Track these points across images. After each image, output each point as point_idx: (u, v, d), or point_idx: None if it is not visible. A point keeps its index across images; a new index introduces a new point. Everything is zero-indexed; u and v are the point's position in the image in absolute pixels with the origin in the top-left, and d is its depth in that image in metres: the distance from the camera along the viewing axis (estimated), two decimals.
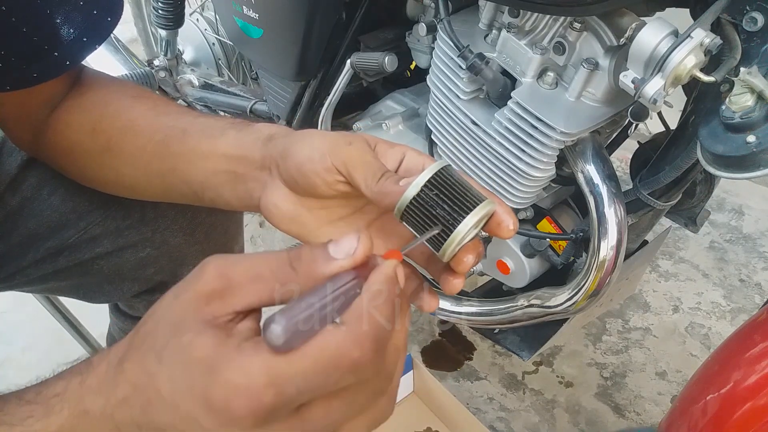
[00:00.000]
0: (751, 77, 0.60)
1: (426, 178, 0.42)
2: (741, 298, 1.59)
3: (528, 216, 0.97)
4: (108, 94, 0.65)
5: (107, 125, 0.63)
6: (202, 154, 0.58)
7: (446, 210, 0.41)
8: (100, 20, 0.60)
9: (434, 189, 0.42)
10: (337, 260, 0.37)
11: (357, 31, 1.04)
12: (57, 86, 0.64)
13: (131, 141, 0.62)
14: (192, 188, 0.60)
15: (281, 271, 0.38)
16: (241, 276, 0.37)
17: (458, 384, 1.41)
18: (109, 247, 0.77)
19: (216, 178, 0.58)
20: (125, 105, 0.63)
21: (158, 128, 0.60)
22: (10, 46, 0.55)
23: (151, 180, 0.63)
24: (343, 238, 0.37)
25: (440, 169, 0.42)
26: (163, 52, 1.48)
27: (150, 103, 0.63)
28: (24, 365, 1.47)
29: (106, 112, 0.63)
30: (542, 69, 0.81)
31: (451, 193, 0.42)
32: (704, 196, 0.89)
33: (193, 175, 0.59)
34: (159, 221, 0.78)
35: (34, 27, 0.55)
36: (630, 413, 1.35)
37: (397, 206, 0.43)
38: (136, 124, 0.62)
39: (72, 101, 0.64)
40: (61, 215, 0.75)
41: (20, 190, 0.74)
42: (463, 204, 0.41)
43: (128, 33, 1.82)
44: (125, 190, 0.69)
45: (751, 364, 0.57)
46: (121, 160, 0.63)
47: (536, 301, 0.95)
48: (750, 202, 1.84)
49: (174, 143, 0.60)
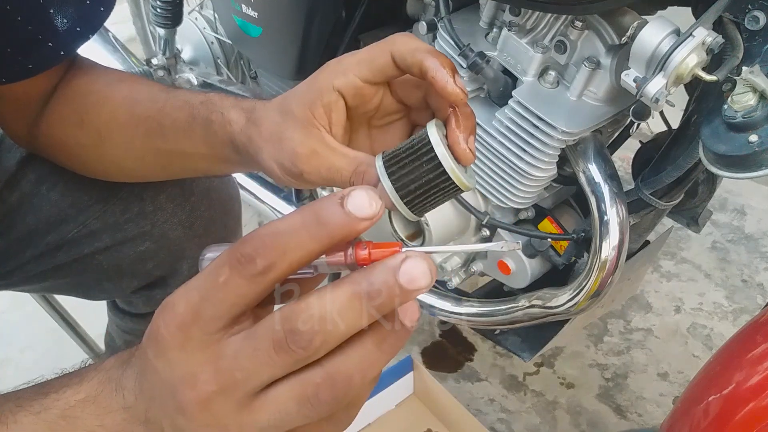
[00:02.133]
0: (754, 76, 0.60)
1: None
2: (743, 299, 1.58)
3: (529, 216, 0.97)
4: (89, 82, 0.65)
5: (93, 118, 0.63)
6: (186, 150, 0.59)
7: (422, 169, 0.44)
8: (93, 10, 0.60)
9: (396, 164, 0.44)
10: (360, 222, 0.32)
11: (357, 30, 1.04)
12: (51, 78, 0.64)
13: (120, 134, 0.63)
14: (197, 173, 0.64)
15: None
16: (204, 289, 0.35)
17: (459, 385, 1.40)
18: (108, 241, 0.77)
19: (215, 166, 0.61)
20: (105, 95, 0.64)
21: (137, 121, 0.61)
22: (5, 36, 0.55)
23: (154, 169, 0.65)
24: (352, 194, 0.32)
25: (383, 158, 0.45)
26: (162, 51, 1.47)
27: (126, 90, 0.63)
28: (22, 365, 1.47)
29: (89, 103, 0.64)
30: (543, 68, 0.80)
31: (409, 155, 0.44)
32: (706, 196, 0.89)
33: (190, 165, 0.62)
34: (158, 214, 0.79)
35: (29, 17, 0.55)
36: (632, 414, 1.35)
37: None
38: (118, 115, 0.62)
39: (60, 90, 0.65)
40: (60, 210, 0.75)
41: (19, 186, 0.74)
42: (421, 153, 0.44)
43: (126, 32, 1.81)
44: (132, 178, 0.71)
45: (754, 364, 0.57)
46: (118, 153, 0.64)
47: (537, 301, 0.94)
48: (752, 202, 1.83)
49: (157, 139, 0.61)
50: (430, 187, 0.44)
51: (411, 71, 0.47)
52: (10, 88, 0.60)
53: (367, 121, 0.54)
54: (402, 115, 0.53)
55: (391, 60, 0.48)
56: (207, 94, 0.59)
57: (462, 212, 0.99)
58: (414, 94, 0.51)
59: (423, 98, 0.50)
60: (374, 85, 0.50)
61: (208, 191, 0.83)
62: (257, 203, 1.34)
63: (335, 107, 0.50)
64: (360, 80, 0.49)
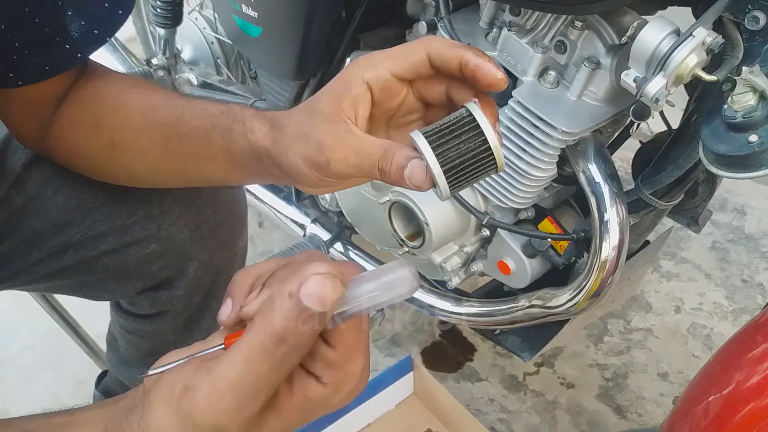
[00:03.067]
0: (753, 76, 0.60)
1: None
2: (743, 299, 1.58)
3: (529, 216, 0.97)
4: (104, 87, 0.65)
5: (108, 122, 0.63)
6: (203, 158, 0.59)
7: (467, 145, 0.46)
8: (111, 13, 0.60)
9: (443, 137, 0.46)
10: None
11: (357, 29, 1.04)
12: (65, 81, 0.64)
13: (134, 139, 0.62)
14: (211, 182, 0.63)
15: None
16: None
17: (459, 385, 1.40)
18: (114, 244, 0.77)
19: (232, 176, 0.60)
20: (120, 100, 0.63)
21: (154, 126, 0.61)
22: (23, 38, 0.55)
23: (166, 176, 0.65)
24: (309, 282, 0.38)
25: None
26: (162, 51, 1.47)
27: (141, 96, 0.63)
28: (22, 366, 1.47)
29: (104, 107, 0.63)
30: (543, 68, 0.80)
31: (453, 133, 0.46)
32: (706, 195, 0.89)
33: (206, 173, 0.61)
34: (164, 217, 0.78)
35: (46, 19, 0.55)
36: (632, 414, 1.35)
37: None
38: (134, 120, 0.62)
39: (73, 93, 0.64)
40: (66, 213, 0.74)
41: (25, 188, 0.74)
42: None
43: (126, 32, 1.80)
44: (143, 184, 0.70)
45: (754, 364, 0.57)
46: (130, 158, 0.64)
47: (537, 301, 0.94)
48: (752, 202, 1.83)
49: (174, 144, 0.60)
50: (472, 162, 0.46)
51: (448, 65, 0.48)
52: (24, 90, 0.60)
53: (386, 120, 0.54)
54: (420, 115, 0.54)
55: (426, 57, 0.49)
56: (227, 105, 0.59)
57: (462, 212, 0.99)
58: (437, 89, 0.51)
59: (443, 94, 0.51)
60: (401, 82, 0.51)
61: (214, 194, 0.83)
62: (257, 203, 1.34)
63: (362, 100, 0.50)
64: (390, 74, 0.50)
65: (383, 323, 1.45)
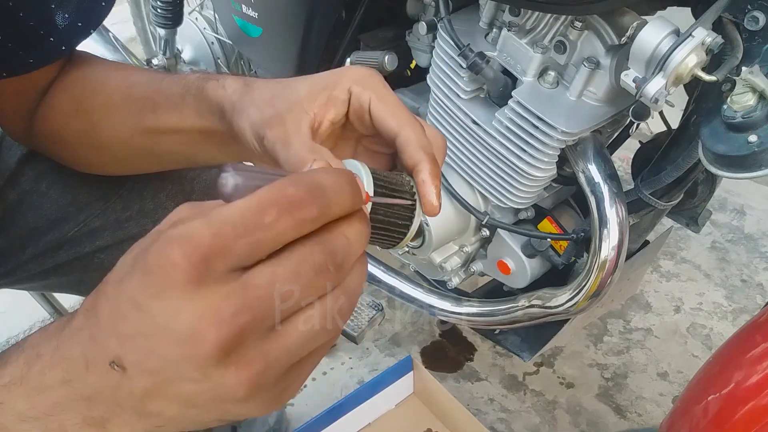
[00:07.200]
0: (753, 76, 0.60)
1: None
2: (743, 299, 1.58)
3: (529, 216, 0.97)
4: (87, 71, 0.65)
5: (88, 104, 0.63)
6: (174, 128, 0.58)
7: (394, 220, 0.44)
8: (96, 4, 0.60)
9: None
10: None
11: (357, 29, 1.04)
12: (50, 72, 0.64)
13: (113, 117, 0.62)
14: (183, 159, 0.62)
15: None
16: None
17: (458, 385, 1.40)
18: (110, 239, 0.77)
19: (197, 148, 0.59)
20: (101, 80, 0.64)
21: (132, 101, 0.61)
22: (6, 31, 0.55)
23: (142, 155, 0.64)
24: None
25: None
26: (162, 51, 1.47)
27: (123, 74, 0.63)
28: None
29: (85, 90, 0.64)
30: (543, 68, 0.81)
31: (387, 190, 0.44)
32: (706, 195, 0.89)
33: (176, 146, 0.60)
34: (158, 213, 0.78)
35: (31, 12, 0.55)
36: (631, 414, 1.35)
37: None
38: (113, 100, 0.62)
39: (57, 82, 0.65)
40: (60, 208, 0.75)
41: (19, 183, 0.74)
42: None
43: (127, 32, 1.81)
44: (121, 168, 0.69)
45: (753, 364, 0.57)
46: (108, 136, 0.63)
47: (537, 301, 0.95)
48: (752, 202, 1.83)
49: (148, 117, 0.60)
50: (387, 229, 0.44)
51: (405, 163, 0.47)
52: (9, 82, 0.60)
53: (357, 138, 0.53)
54: (392, 151, 0.52)
55: (395, 134, 0.47)
56: (210, 72, 0.58)
57: (462, 212, 0.99)
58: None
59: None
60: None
61: (208, 189, 0.83)
62: None
63: (338, 104, 0.49)
64: (370, 107, 0.48)
65: (383, 323, 1.45)
